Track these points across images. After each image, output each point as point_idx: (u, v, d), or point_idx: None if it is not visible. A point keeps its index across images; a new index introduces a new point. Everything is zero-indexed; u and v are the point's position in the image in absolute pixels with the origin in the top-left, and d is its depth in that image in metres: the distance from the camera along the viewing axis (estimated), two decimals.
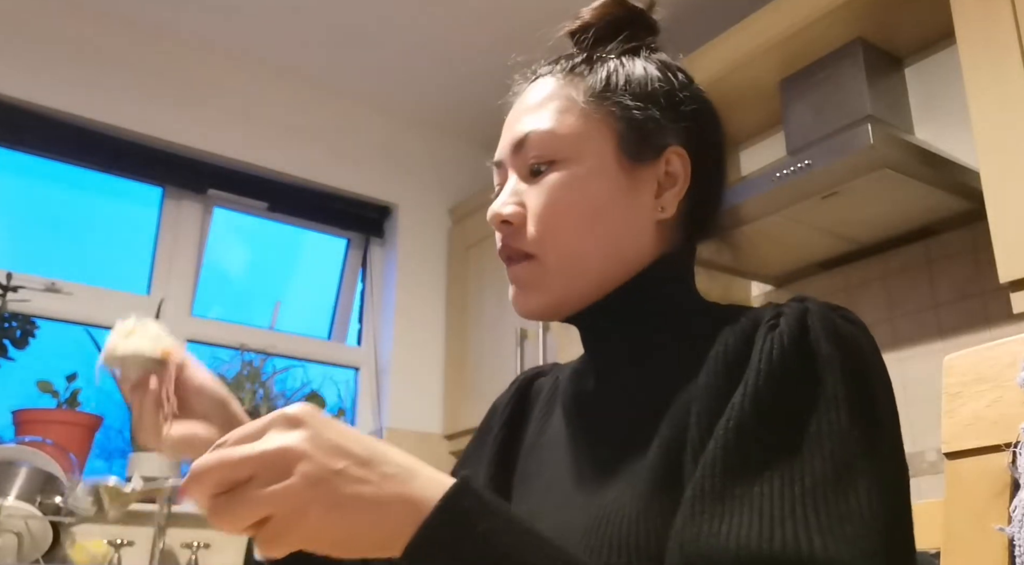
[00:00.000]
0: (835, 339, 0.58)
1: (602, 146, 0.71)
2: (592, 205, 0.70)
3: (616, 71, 0.73)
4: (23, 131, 2.37)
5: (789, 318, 0.59)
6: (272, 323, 2.78)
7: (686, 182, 0.71)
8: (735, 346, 0.60)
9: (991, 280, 1.63)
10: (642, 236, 0.71)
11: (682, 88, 0.73)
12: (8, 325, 2.09)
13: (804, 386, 0.56)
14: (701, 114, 0.73)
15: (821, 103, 2.02)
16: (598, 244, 0.70)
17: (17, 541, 1.73)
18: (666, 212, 0.71)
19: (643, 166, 0.71)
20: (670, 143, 0.71)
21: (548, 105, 0.73)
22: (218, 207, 2.72)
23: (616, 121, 0.71)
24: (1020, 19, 1.55)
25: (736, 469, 0.54)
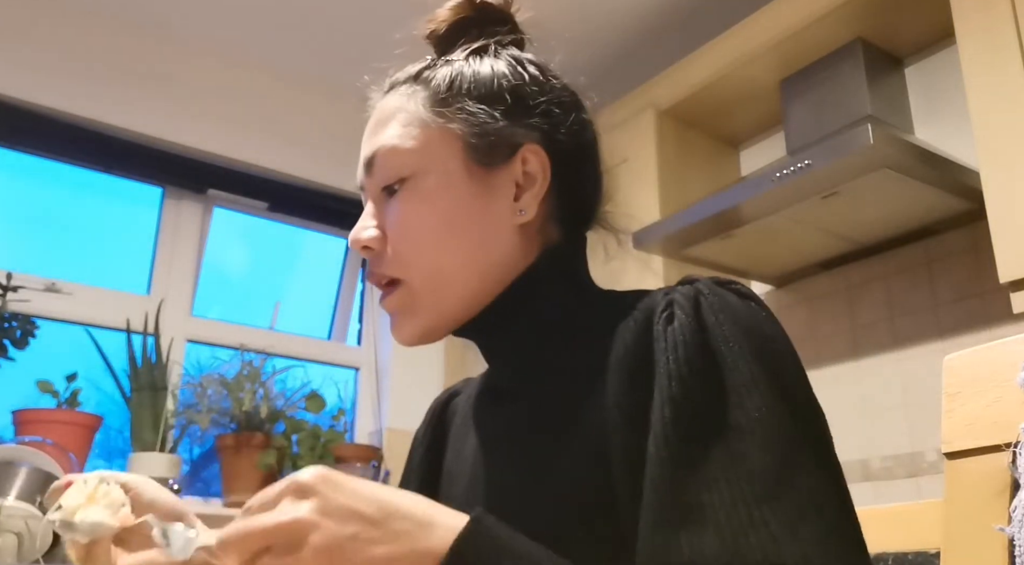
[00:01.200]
0: (732, 319, 0.58)
1: (448, 155, 0.68)
2: (445, 217, 0.67)
3: (459, 74, 0.70)
4: (23, 131, 2.37)
5: (683, 306, 0.59)
6: (272, 323, 2.78)
7: (546, 180, 0.69)
8: (633, 346, 0.60)
9: (991, 280, 1.63)
10: (505, 241, 0.68)
11: (533, 83, 0.70)
12: (8, 325, 2.08)
13: (715, 375, 0.56)
14: (558, 107, 0.70)
15: (821, 103, 2.02)
16: (458, 256, 0.67)
17: (17, 541, 1.73)
18: (526, 214, 0.68)
19: (495, 170, 0.68)
20: (522, 142, 0.68)
21: (392, 119, 0.71)
22: (218, 207, 2.72)
23: (461, 126, 0.68)
24: (1020, 19, 1.55)
25: (681, 480, 0.53)
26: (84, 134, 2.44)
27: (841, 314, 2.14)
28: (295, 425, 2.45)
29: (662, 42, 2.50)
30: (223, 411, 2.40)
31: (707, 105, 2.29)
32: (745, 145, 2.51)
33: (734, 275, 2.27)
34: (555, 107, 0.70)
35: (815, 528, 0.51)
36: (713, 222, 1.92)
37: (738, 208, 1.85)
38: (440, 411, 0.83)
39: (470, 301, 0.68)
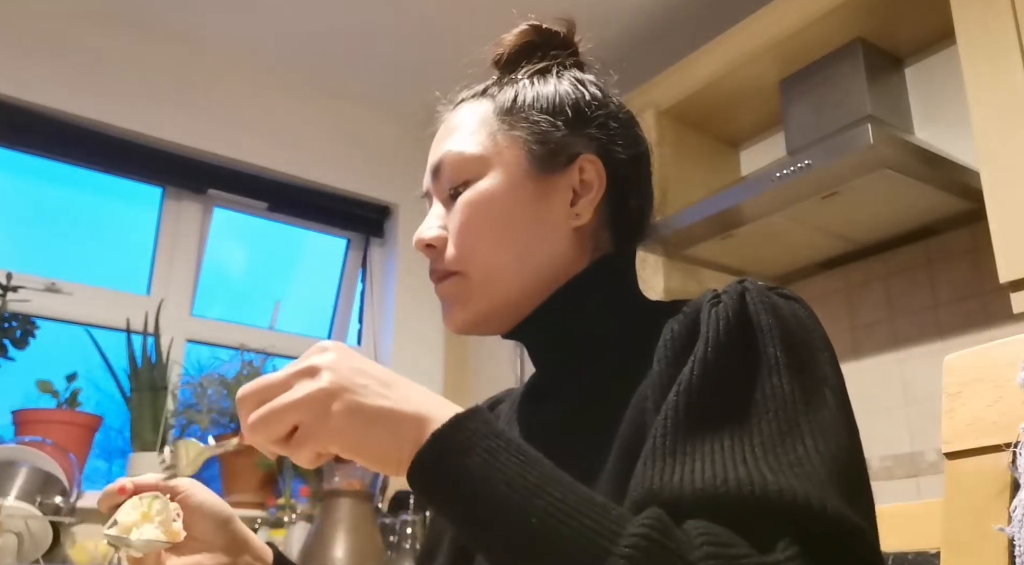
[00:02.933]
0: (772, 310, 0.60)
1: (511, 160, 0.73)
2: (503, 217, 0.72)
3: (524, 89, 0.76)
4: (23, 131, 2.37)
5: (730, 295, 0.62)
6: (272, 323, 2.78)
7: (601, 188, 0.74)
8: (680, 332, 0.62)
9: (991, 280, 1.63)
10: (559, 243, 0.73)
11: (593, 99, 0.75)
12: (8, 325, 2.08)
13: (747, 354, 0.58)
14: (615, 122, 0.76)
15: (821, 103, 2.02)
16: (513, 252, 0.72)
17: (17, 541, 1.73)
18: (581, 219, 0.73)
19: (554, 176, 0.73)
20: (581, 151, 0.73)
21: (460, 129, 0.76)
22: (218, 207, 2.72)
23: (524, 134, 0.73)
24: (1020, 19, 1.55)
25: (687, 428, 0.55)
26: (84, 134, 2.44)
27: (841, 314, 2.14)
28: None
29: (662, 42, 2.50)
30: (223, 411, 2.39)
31: (707, 105, 2.29)
32: (745, 145, 2.51)
33: (734, 275, 2.27)
34: (612, 121, 0.75)
35: (808, 474, 0.51)
36: (713, 222, 1.92)
37: (738, 208, 1.85)
38: None
39: (520, 297, 0.72)
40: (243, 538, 0.79)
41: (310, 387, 0.53)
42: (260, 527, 2.30)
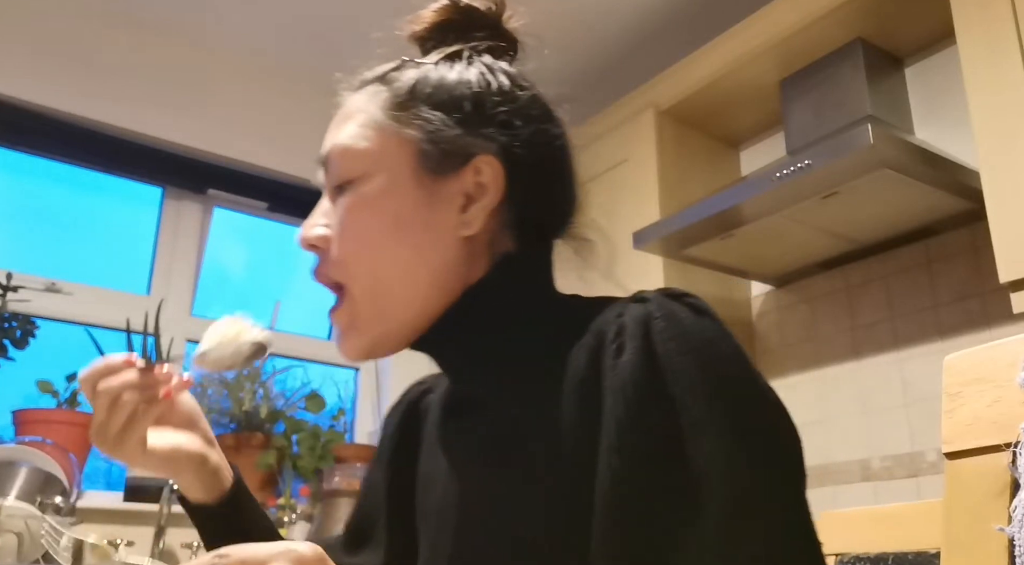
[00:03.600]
0: (684, 347, 0.54)
1: (399, 160, 0.66)
2: (386, 224, 0.65)
3: (423, 78, 0.68)
4: (23, 131, 2.37)
5: (633, 336, 0.55)
6: (272, 323, 2.78)
7: (498, 192, 0.66)
8: (585, 374, 0.57)
9: (991, 280, 1.63)
10: (448, 252, 0.66)
11: (498, 93, 0.67)
12: (8, 325, 2.09)
13: (668, 423, 0.52)
14: (521, 118, 0.67)
15: (821, 103, 2.02)
16: (398, 265, 0.65)
17: (17, 541, 1.73)
18: (471, 227, 0.65)
19: (445, 179, 0.66)
20: (477, 152, 0.66)
21: (351, 119, 0.70)
22: (218, 207, 2.72)
23: (415, 132, 0.66)
24: (1020, 19, 1.55)
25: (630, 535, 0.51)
26: (84, 134, 2.44)
27: (841, 314, 2.14)
28: (295, 425, 2.45)
29: (662, 42, 2.50)
30: (223, 411, 2.40)
31: (707, 105, 2.29)
32: (745, 145, 2.51)
33: (734, 275, 2.28)
34: (518, 118, 0.67)
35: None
36: (713, 222, 1.92)
37: (738, 208, 1.85)
38: (413, 407, 0.81)
39: (415, 314, 0.66)
40: (211, 436, 0.81)
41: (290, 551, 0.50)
42: None
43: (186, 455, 0.77)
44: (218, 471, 0.80)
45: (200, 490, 0.79)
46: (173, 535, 2.23)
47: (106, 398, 0.70)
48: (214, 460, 0.80)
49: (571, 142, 0.72)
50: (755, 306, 2.37)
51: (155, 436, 0.75)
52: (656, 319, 0.56)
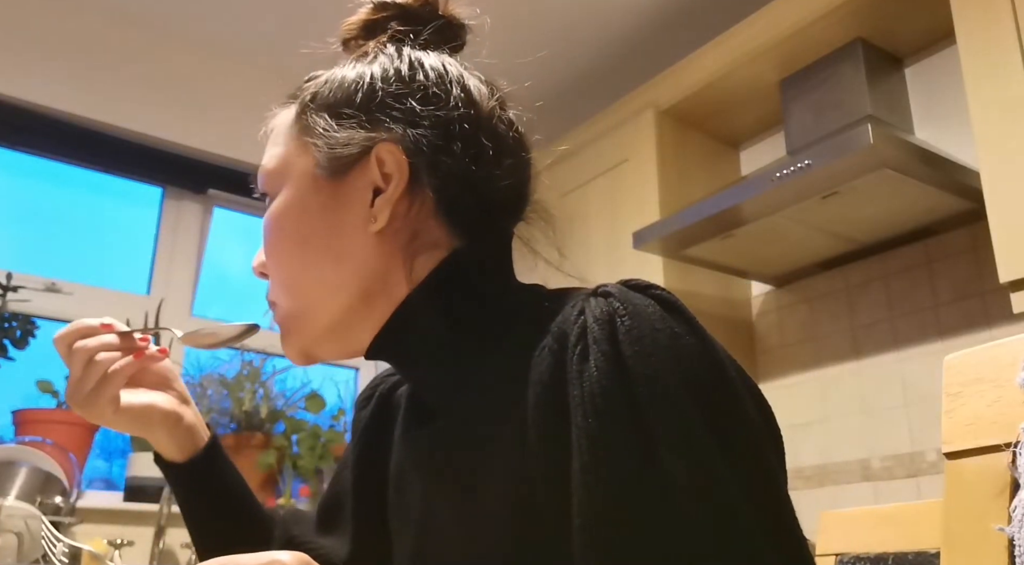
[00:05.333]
0: (652, 348, 0.51)
1: (300, 171, 0.66)
2: (295, 236, 0.65)
3: (324, 83, 0.68)
4: (23, 131, 2.37)
5: (597, 338, 0.52)
6: (272, 323, 2.77)
7: (402, 180, 0.63)
8: (548, 379, 0.54)
9: (991, 280, 1.63)
10: (364, 252, 0.63)
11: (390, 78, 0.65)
12: (8, 325, 2.09)
13: (640, 434, 0.50)
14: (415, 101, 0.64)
15: (821, 103, 2.02)
16: (313, 273, 0.65)
17: (17, 541, 1.73)
18: (378, 221, 0.63)
19: (345, 178, 0.64)
20: (374, 144, 0.63)
21: (269, 139, 0.70)
22: (218, 207, 2.72)
23: (313, 139, 0.65)
24: (1020, 19, 1.55)
25: (608, 553, 0.49)
26: (84, 134, 2.45)
27: (841, 314, 2.14)
28: (295, 425, 2.45)
29: (662, 42, 2.50)
30: (223, 411, 2.40)
31: (707, 105, 2.29)
32: (745, 145, 2.51)
33: (734, 275, 2.28)
34: (421, 103, 0.64)
35: None
36: (713, 222, 1.92)
37: (738, 208, 1.85)
38: (384, 400, 0.80)
39: (346, 318, 0.65)
40: (187, 396, 0.82)
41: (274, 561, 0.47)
42: None
43: (159, 413, 0.78)
44: (193, 430, 0.80)
45: (175, 449, 0.79)
46: (173, 535, 2.23)
47: (83, 357, 0.71)
48: (189, 419, 0.80)
49: (505, 121, 0.68)
50: (755, 306, 2.37)
51: (129, 395, 0.76)
52: (622, 317, 0.53)
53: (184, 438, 0.80)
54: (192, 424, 0.80)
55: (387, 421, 0.77)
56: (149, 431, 0.78)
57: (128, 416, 0.75)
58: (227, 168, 2.67)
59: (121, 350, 0.73)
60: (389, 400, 0.79)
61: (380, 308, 0.64)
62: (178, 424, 0.79)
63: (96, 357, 0.72)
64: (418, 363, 0.66)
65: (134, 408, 0.76)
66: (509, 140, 0.67)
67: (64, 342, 0.73)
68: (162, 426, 0.78)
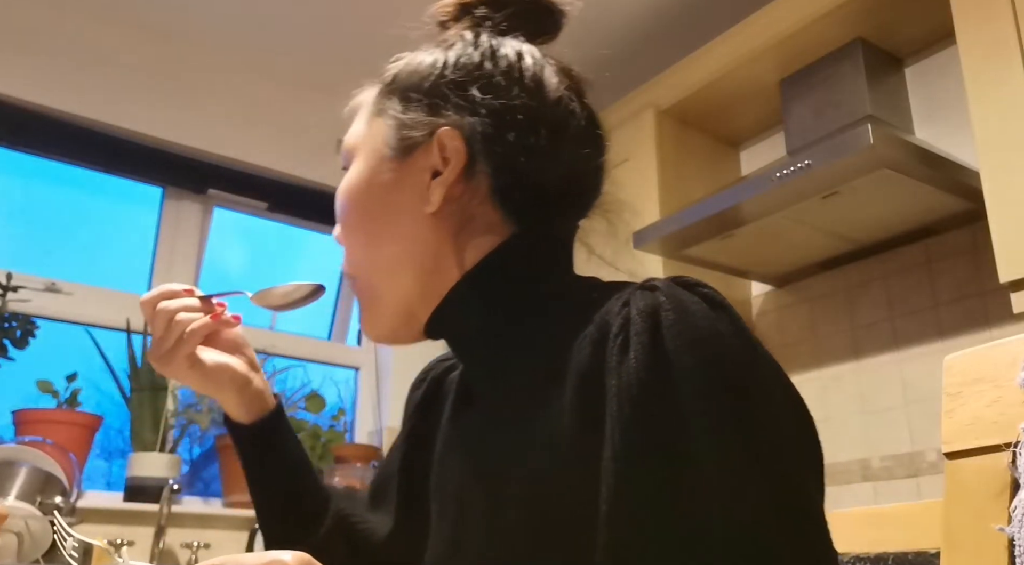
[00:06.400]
0: (694, 343, 0.51)
1: (373, 147, 0.69)
2: (359, 209, 0.69)
3: (402, 68, 0.71)
4: (23, 131, 2.37)
5: (639, 331, 0.52)
6: (272, 323, 2.78)
7: (458, 165, 0.65)
8: (587, 369, 0.55)
9: (991, 280, 1.63)
10: (419, 232, 0.66)
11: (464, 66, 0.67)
12: (8, 325, 2.09)
13: (673, 424, 0.50)
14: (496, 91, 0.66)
15: (821, 103, 2.02)
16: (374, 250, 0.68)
17: (17, 541, 1.73)
18: (431, 204, 0.65)
19: (410, 159, 0.67)
20: (437, 128, 0.65)
21: (354, 116, 0.74)
22: (218, 207, 2.72)
23: (386, 119, 0.69)
24: (1020, 19, 1.55)
25: (632, 553, 0.49)
26: (84, 134, 2.45)
27: (841, 314, 2.14)
28: (295, 425, 2.44)
29: (662, 42, 2.50)
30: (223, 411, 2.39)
31: (707, 105, 2.29)
32: (745, 145, 2.51)
33: (734, 275, 2.27)
34: (481, 91, 0.66)
35: None
36: (713, 222, 1.92)
37: (738, 208, 1.85)
38: (436, 385, 0.82)
39: (402, 298, 0.67)
40: (256, 364, 0.85)
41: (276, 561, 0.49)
42: None
43: (230, 373, 0.80)
44: (260, 395, 0.83)
45: (242, 410, 0.82)
46: (173, 535, 2.23)
47: (165, 316, 0.76)
48: (257, 384, 0.83)
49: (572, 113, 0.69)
50: (755, 306, 2.37)
51: (204, 353, 0.79)
52: (666, 311, 0.52)
53: (252, 401, 0.82)
54: (260, 389, 0.83)
55: (437, 404, 0.79)
56: (219, 390, 0.81)
57: (201, 372, 0.78)
58: (227, 168, 2.67)
59: (200, 310, 0.78)
60: (441, 384, 0.81)
61: (436, 288, 0.66)
62: (247, 386, 0.81)
63: (176, 317, 0.76)
64: (466, 345, 0.69)
65: (207, 366, 0.79)
66: (572, 133, 0.68)
67: (150, 303, 0.77)
68: (232, 386, 0.81)
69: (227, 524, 2.36)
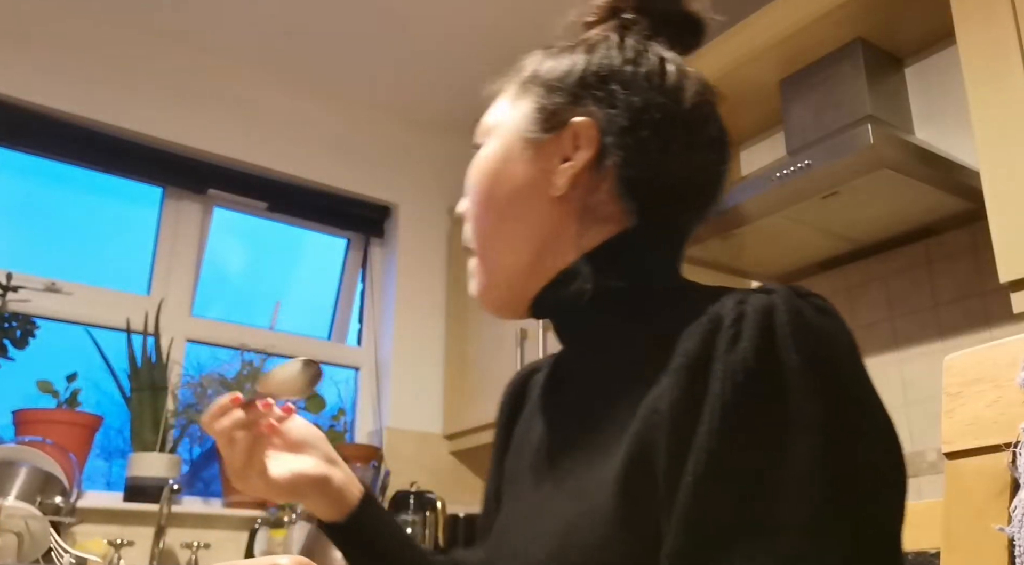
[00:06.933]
0: (807, 345, 0.53)
1: (508, 128, 0.72)
2: (488, 185, 0.71)
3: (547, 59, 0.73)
4: (23, 131, 2.37)
5: (751, 326, 0.54)
6: (272, 323, 2.78)
7: (589, 153, 0.68)
8: (695, 357, 0.56)
9: (991, 280, 1.63)
10: (541, 214, 0.69)
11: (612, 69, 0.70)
12: (8, 325, 2.09)
13: (773, 414, 0.51)
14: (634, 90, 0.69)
15: (821, 103, 2.02)
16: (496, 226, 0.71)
17: (17, 541, 1.73)
18: (558, 188, 0.68)
19: (543, 144, 0.70)
20: (573, 117, 0.69)
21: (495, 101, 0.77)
22: (218, 207, 2.73)
23: (527, 102, 0.72)
24: (1020, 19, 1.55)
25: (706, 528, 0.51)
26: (84, 134, 2.45)
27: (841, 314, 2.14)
28: None
29: None
30: None
31: None
32: (745, 145, 2.51)
33: (734, 275, 2.27)
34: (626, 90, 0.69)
35: None
36: (713, 222, 1.91)
37: (738, 208, 1.85)
38: (521, 385, 0.85)
39: (517, 271, 0.70)
40: (334, 456, 0.84)
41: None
42: (260, 527, 2.30)
43: (308, 479, 0.80)
44: (342, 491, 0.82)
45: (328, 511, 0.82)
46: (173, 535, 2.23)
47: (222, 438, 0.76)
48: (338, 480, 0.82)
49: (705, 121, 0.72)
50: None
51: (276, 465, 0.79)
52: (780, 312, 0.54)
53: (335, 500, 0.82)
54: (341, 485, 0.82)
55: (522, 402, 0.82)
56: (302, 498, 0.81)
57: (278, 487, 0.78)
58: (227, 168, 2.68)
59: (250, 422, 0.77)
60: (525, 386, 0.84)
61: (548, 268, 0.69)
62: (327, 487, 0.81)
63: (233, 436, 0.76)
64: (571, 322, 0.72)
65: (284, 480, 0.78)
66: (703, 139, 0.71)
67: (207, 427, 0.77)
68: (312, 491, 0.80)
69: (227, 524, 2.36)
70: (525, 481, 0.72)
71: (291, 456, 0.80)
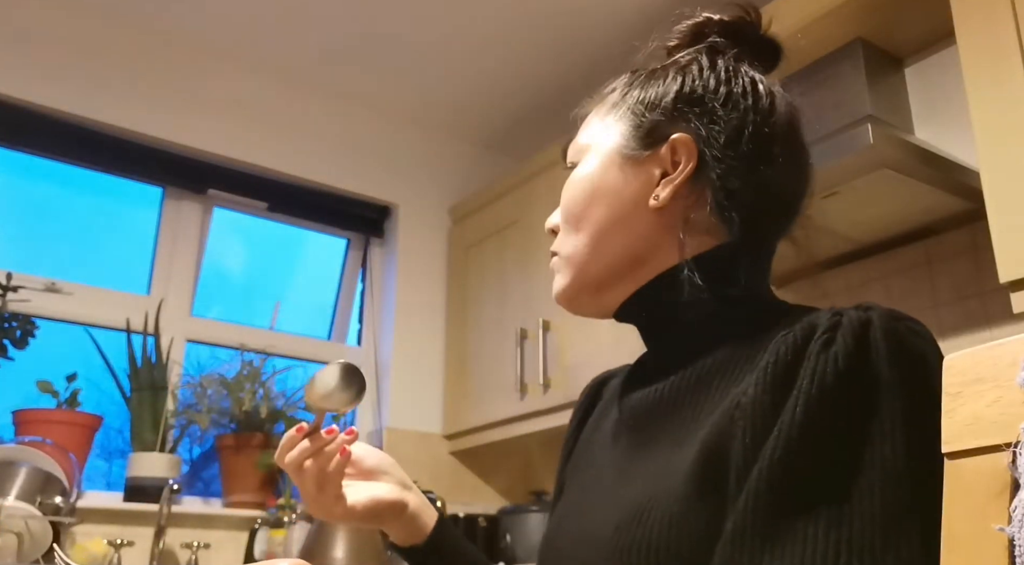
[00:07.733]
0: (899, 359, 0.55)
1: (605, 145, 0.75)
2: (588, 197, 0.74)
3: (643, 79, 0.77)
4: (23, 131, 2.37)
5: (846, 333, 0.56)
6: (272, 323, 2.78)
7: (687, 169, 0.71)
8: (785, 358, 0.57)
9: (991, 280, 1.63)
10: (640, 225, 0.72)
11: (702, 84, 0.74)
12: (8, 325, 2.09)
13: (858, 415, 0.53)
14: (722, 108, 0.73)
15: (821, 103, 2.02)
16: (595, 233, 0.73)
17: (17, 541, 1.73)
18: (660, 200, 0.71)
19: (642, 157, 0.73)
20: (673, 133, 0.72)
21: (587, 121, 0.80)
22: (218, 207, 2.73)
23: (625, 119, 0.75)
24: (1020, 19, 1.55)
25: (780, 505, 0.53)
26: (84, 134, 2.45)
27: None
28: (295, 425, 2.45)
29: None
30: (223, 411, 2.40)
31: None
32: None
33: None
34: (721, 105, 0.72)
35: None
36: None
37: None
38: (598, 387, 0.88)
39: (605, 276, 0.73)
40: (407, 482, 0.86)
41: None
42: (260, 527, 2.30)
43: (385, 505, 0.82)
44: (418, 515, 0.85)
45: (404, 535, 0.85)
46: (173, 535, 2.23)
47: (294, 469, 0.78)
48: (413, 505, 0.85)
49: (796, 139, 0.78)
50: None
51: (353, 491, 0.81)
52: (875, 329, 0.56)
53: (410, 525, 0.85)
54: (416, 510, 0.85)
55: (593, 401, 0.86)
56: (380, 523, 0.83)
57: (357, 514, 0.81)
58: (227, 168, 2.68)
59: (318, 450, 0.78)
60: (599, 391, 0.87)
61: (643, 274, 0.72)
62: (403, 512, 0.84)
63: (304, 466, 0.78)
64: (661, 325, 0.74)
65: (360, 507, 0.81)
66: (794, 157, 0.76)
67: (280, 460, 0.79)
68: (390, 517, 0.83)
69: (227, 524, 2.36)
70: (593, 470, 0.75)
71: (367, 483, 0.83)
